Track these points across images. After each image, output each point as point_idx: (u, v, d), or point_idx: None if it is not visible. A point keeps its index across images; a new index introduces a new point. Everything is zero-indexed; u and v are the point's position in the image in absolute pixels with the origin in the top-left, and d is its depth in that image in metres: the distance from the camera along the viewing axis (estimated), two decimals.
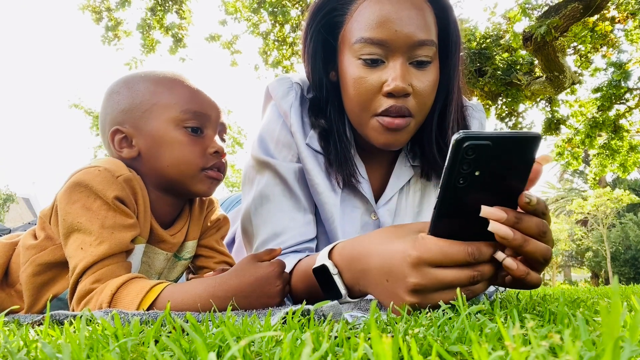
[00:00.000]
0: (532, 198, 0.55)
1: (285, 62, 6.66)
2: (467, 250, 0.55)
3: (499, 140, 0.50)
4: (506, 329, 0.32)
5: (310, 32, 0.94)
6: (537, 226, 0.56)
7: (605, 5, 4.79)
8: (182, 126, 0.84)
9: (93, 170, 0.77)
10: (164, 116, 0.84)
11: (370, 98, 0.86)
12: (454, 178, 0.52)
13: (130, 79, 0.88)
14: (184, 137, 0.84)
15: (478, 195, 0.54)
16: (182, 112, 0.84)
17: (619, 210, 19.80)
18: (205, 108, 0.87)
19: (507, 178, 0.53)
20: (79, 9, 6.26)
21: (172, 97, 0.85)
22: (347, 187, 0.98)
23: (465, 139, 0.50)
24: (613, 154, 7.07)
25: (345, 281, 0.69)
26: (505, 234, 0.54)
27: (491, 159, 0.51)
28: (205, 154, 0.86)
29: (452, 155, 0.51)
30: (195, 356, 0.33)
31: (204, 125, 0.87)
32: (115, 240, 0.74)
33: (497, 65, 6.07)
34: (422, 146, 1.00)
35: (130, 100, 0.85)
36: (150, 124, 0.84)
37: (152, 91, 0.85)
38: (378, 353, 0.22)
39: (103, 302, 0.68)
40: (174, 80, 0.87)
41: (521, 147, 0.51)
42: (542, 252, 0.57)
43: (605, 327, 0.21)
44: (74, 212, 0.75)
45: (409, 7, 0.83)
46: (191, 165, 0.85)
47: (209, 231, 1.01)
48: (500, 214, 0.54)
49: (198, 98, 0.87)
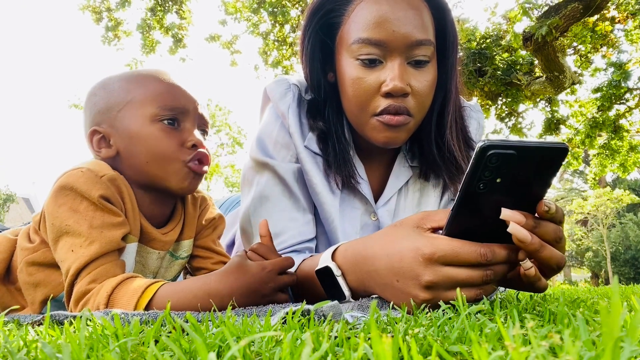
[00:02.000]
0: (552, 206, 0.55)
1: (285, 62, 6.66)
2: (479, 251, 0.55)
3: (525, 150, 0.50)
4: (506, 329, 0.32)
5: (308, 34, 0.94)
6: (554, 232, 0.57)
7: (605, 5, 4.80)
8: (158, 120, 0.83)
9: (76, 172, 0.77)
10: (139, 113, 0.83)
11: (368, 98, 0.86)
12: (475, 183, 0.52)
13: (107, 80, 0.88)
14: (160, 132, 0.83)
15: (497, 200, 0.54)
16: (157, 107, 0.83)
17: (619, 210, 19.80)
18: (181, 102, 0.86)
19: (528, 186, 0.53)
20: (79, 9, 6.26)
21: (146, 93, 0.84)
22: (346, 187, 0.98)
23: (489, 147, 0.49)
24: (613, 154, 7.07)
25: (349, 283, 0.69)
26: (524, 237, 0.54)
27: (514, 168, 0.51)
28: (183, 147, 0.84)
29: (475, 162, 0.50)
30: (195, 356, 0.33)
31: (181, 119, 0.86)
32: (105, 239, 0.74)
33: (497, 65, 6.08)
34: (421, 146, 1.00)
35: (106, 100, 0.85)
36: (126, 122, 0.84)
37: (126, 89, 0.85)
38: (378, 353, 0.22)
39: (100, 303, 0.68)
40: (147, 77, 0.87)
41: (547, 158, 0.51)
42: (557, 259, 0.57)
43: (605, 327, 0.21)
44: (61, 215, 0.75)
45: (406, 7, 0.84)
46: (170, 159, 0.83)
47: (205, 230, 1.01)
48: (519, 217, 0.54)
49: (173, 92, 0.86)
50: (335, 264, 0.70)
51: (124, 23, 6.52)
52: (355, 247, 0.69)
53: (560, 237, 0.57)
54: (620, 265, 18.27)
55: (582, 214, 20.29)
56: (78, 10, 6.28)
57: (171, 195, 0.91)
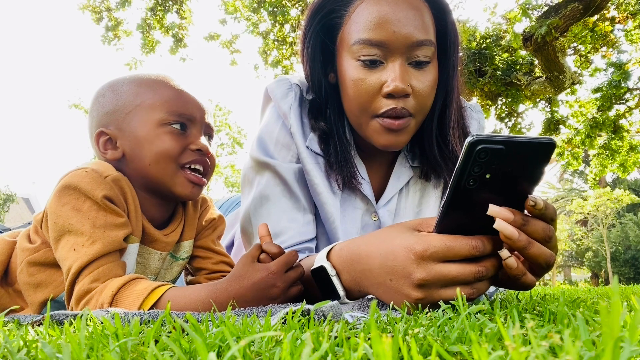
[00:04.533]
0: (538, 201, 0.55)
1: (285, 62, 6.65)
2: (470, 244, 0.55)
3: (513, 145, 0.50)
4: (506, 329, 0.32)
5: (309, 35, 0.94)
6: (543, 230, 0.56)
7: (605, 5, 4.80)
8: (166, 124, 0.84)
9: (80, 172, 0.78)
10: (147, 117, 0.83)
11: (370, 99, 0.86)
12: (465, 179, 0.52)
13: (115, 82, 0.88)
14: (166, 134, 0.83)
15: (487, 196, 0.54)
16: (165, 112, 0.84)
17: (619, 210, 19.80)
18: (189, 108, 0.86)
19: (518, 181, 0.53)
20: (79, 9, 6.26)
21: (155, 97, 0.85)
22: (347, 188, 0.98)
23: (478, 142, 0.49)
24: (613, 154, 7.07)
25: (343, 282, 0.69)
26: (510, 234, 0.54)
27: (503, 163, 0.51)
28: (187, 150, 0.85)
29: (465, 157, 0.50)
30: (195, 356, 0.33)
31: (188, 125, 0.86)
32: (108, 239, 0.74)
33: (497, 66, 6.07)
34: (422, 147, 1.00)
35: (114, 102, 0.86)
36: (133, 125, 0.84)
37: (135, 93, 0.85)
38: (378, 353, 0.22)
39: (104, 302, 0.68)
40: (157, 82, 0.87)
41: (535, 153, 0.51)
42: (546, 257, 0.57)
43: (605, 327, 0.21)
44: (64, 214, 0.75)
45: (406, 8, 0.84)
46: (170, 161, 0.83)
47: (205, 231, 1.01)
48: (507, 214, 0.54)
49: (182, 98, 0.86)
50: (330, 263, 0.70)
51: (124, 23, 6.52)
52: (349, 247, 0.69)
53: (550, 235, 0.57)
54: (620, 265, 18.26)
55: (582, 214, 20.28)
56: (78, 10, 6.28)
57: (173, 199, 0.91)
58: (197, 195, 0.88)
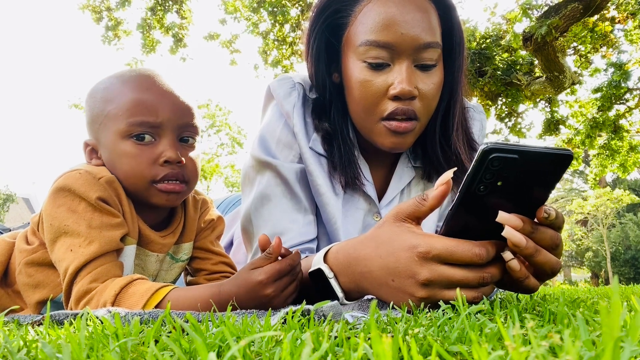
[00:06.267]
0: (552, 212, 0.55)
1: (284, 62, 6.66)
2: (473, 252, 0.55)
3: (528, 155, 0.49)
4: (506, 329, 0.32)
5: (314, 34, 0.93)
6: (551, 239, 0.56)
7: (605, 5, 4.80)
8: (128, 137, 0.80)
9: (74, 174, 0.78)
10: (112, 128, 0.81)
11: (376, 101, 0.86)
12: (475, 184, 0.52)
13: (94, 88, 0.87)
14: (131, 149, 0.80)
15: (497, 202, 0.54)
16: (125, 123, 0.80)
17: (619, 210, 19.80)
18: (155, 113, 0.80)
19: (529, 190, 0.53)
20: (79, 8, 6.26)
21: (118, 106, 0.81)
22: (350, 188, 0.97)
23: (492, 150, 0.49)
24: (613, 154, 7.07)
25: (341, 284, 0.69)
26: (518, 242, 0.54)
27: (517, 172, 0.50)
28: (156, 164, 0.80)
29: (477, 164, 0.50)
30: (195, 356, 0.33)
31: (155, 132, 0.81)
32: (104, 239, 0.74)
33: (497, 66, 6.08)
34: (424, 147, 1.00)
35: (90, 112, 0.85)
36: (104, 136, 0.83)
37: (105, 100, 0.83)
38: (378, 353, 0.22)
39: (106, 301, 0.68)
40: (125, 85, 0.83)
41: (550, 163, 0.50)
42: (552, 264, 0.57)
43: (605, 327, 0.21)
44: (59, 216, 0.75)
45: (414, 10, 0.83)
46: (140, 178, 0.80)
47: (204, 232, 1.00)
48: (516, 221, 0.54)
49: (144, 104, 0.80)
50: (327, 266, 0.70)
51: (124, 22, 6.52)
52: (345, 249, 0.69)
53: (557, 243, 0.57)
54: (620, 265, 18.26)
55: (582, 214, 20.29)
56: (78, 9, 6.28)
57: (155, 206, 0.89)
58: (176, 201, 0.86)
